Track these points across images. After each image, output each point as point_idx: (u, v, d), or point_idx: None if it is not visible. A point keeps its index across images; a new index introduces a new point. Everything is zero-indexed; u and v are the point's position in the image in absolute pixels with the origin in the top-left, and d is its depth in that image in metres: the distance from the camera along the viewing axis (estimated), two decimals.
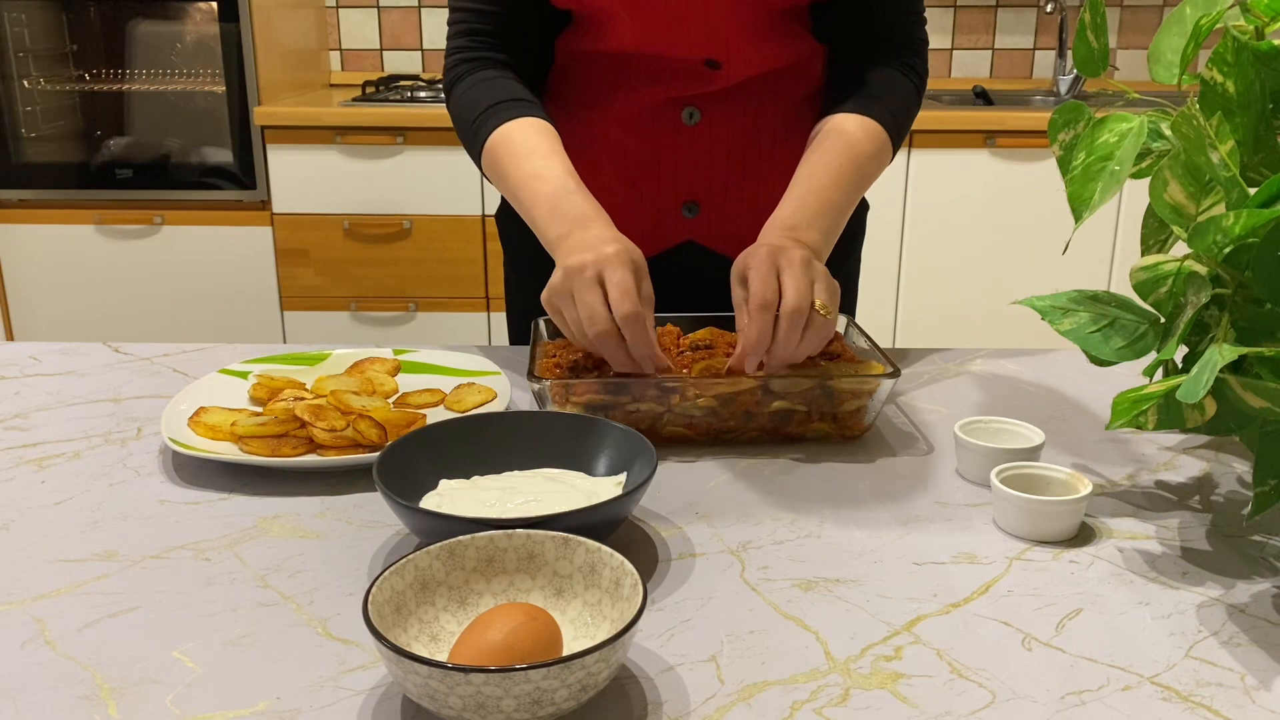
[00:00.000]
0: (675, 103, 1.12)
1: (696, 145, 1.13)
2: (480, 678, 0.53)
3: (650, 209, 1.17)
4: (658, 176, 1.15)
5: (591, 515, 0.70)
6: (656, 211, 1.17)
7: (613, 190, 1.17)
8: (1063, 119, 0.81)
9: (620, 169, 1.16)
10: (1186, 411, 0.74)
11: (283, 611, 0.69)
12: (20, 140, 2.90)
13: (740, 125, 1.14)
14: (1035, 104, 3.17)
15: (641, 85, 1.12)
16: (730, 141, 1.03)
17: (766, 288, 0.90)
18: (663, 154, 1.14)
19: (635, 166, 1.15)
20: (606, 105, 1.14)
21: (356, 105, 2.83)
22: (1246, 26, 0.74)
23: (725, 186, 1.16)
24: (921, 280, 2.90)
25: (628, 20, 1.08)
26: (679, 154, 1.14)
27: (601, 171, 1.17)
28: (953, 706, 0.60)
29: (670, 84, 1.11)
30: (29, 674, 0.62)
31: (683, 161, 1.14)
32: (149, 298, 2.96)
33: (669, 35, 1.08)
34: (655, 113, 1.13)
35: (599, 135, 1.16)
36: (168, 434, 0.89)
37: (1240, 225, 0.67)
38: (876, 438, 0.97)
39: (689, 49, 1.09)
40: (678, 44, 1.09)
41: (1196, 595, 0.72)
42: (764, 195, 1.13)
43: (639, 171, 1.16)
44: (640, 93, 1.12)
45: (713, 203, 1.17)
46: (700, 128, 1.13)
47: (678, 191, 1.15)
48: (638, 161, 1.15)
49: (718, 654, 0.65)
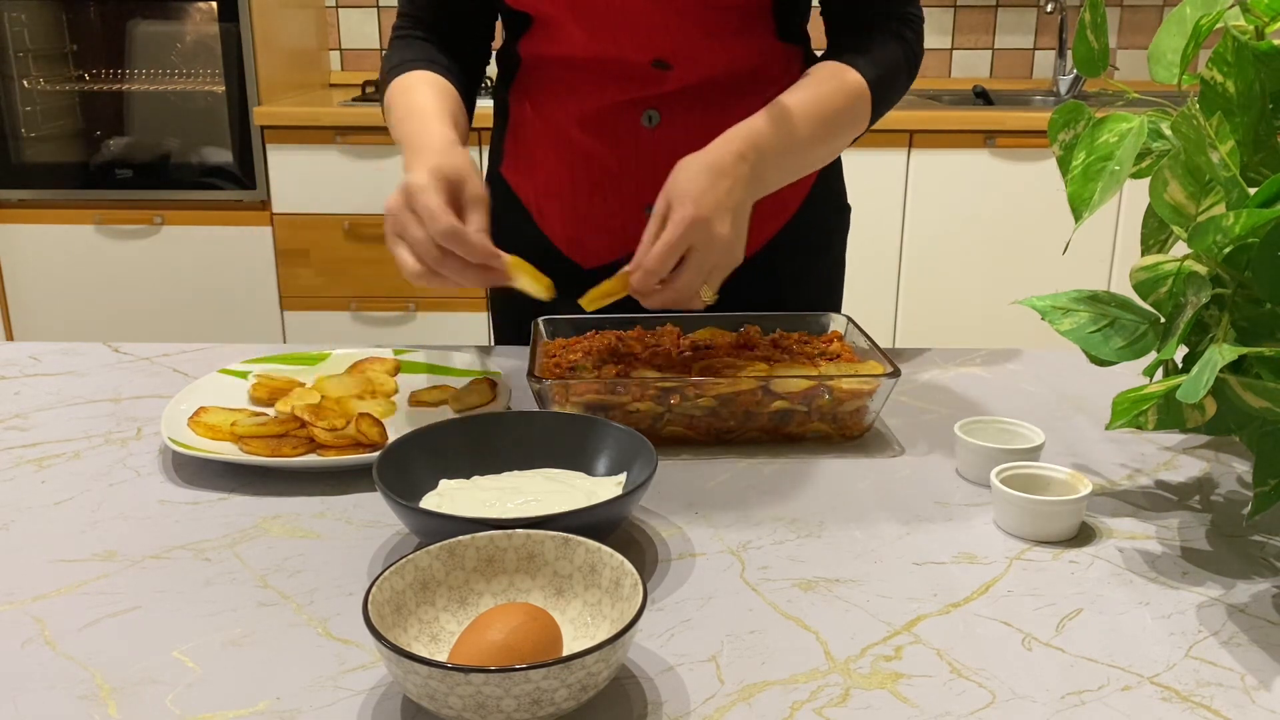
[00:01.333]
0: (634, 105, 1.12)
1: (657, 148, 1.13)
2: (480, 678, 0.53)
3: (615, 210, 1.17)
4: (620, 179, 1.15)
5: (591, 515, 0.70)
6: (622, 212, 1.17)
7: (577, 192, 1.17)
8: (1063, 119, 0.81)
9: (584, 171, 1.17)
10: (1186, 411, 0.74)
11: (283, 611, 0.69)
12: (20, 140, 2.90)
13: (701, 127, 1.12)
14: (1035, 104, 3.17)
15: (596, 88, 1.12)
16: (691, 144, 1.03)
17: (661, 262, 0.92)
18: (624, 157, 1.14)
19: (598, 169, 1.16)
20: (566, 108, 1.15)
21: (356, 105, 2.83)
22: (1246, 26, 0.74)
23: None
24: (921, 280, 2.90)
25: (573, 22, 1.08)
26: (640, 157, 1.14)
27: (565, 173, 1.17)
28: (953, 706, 0.60)
29: (624, 86, 1.11)
30: (29, 674, 0.62)
31: (644, 164, 1.14)
32: (149, 298, 2.96)
33: (614, 36, 1.08)
34: (615, 116, 1.13)
35: (562, 138, 1.16)
36: (168, 434, 0.89)
37: (1240, 225, 0.67)
38: (876, 438, 0.97)
39: (635, 50, 1.09)
40: (624, 45, 1.09)
41: (1196, 595, 0.72)
42: None
43: (602, 174, 1.16)
44: (597, 95, 1.13)
45: None
46: (660, 130, 1.13)
47: (640, 194, 1.15)
48: (600, 164, 1.15)
49: (718, 654, 0.65)
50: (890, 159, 2.79)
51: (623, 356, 0.99)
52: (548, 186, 1.19)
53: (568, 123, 1.15)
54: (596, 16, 1.07)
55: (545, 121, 1.17)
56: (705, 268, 0.93)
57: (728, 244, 0.93)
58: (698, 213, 0.92)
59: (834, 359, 0.99)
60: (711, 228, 0.92)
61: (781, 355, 0.99)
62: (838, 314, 1.08)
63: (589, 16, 1.07)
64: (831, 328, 1.07)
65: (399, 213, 0.90)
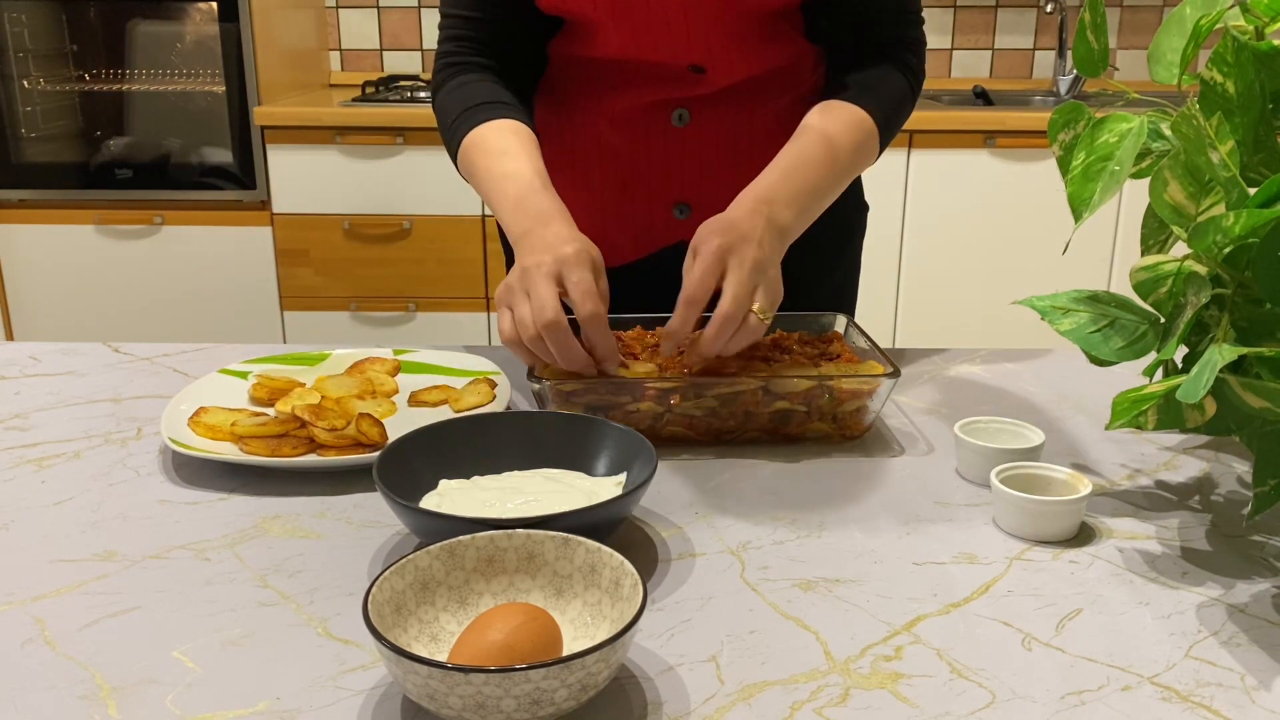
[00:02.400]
0: (664, 105, 1.12)
1: (686, 147, 1.13)
2: (480, 678, 0.53)
3: (641, 210, 1.17)
4: (648, 178, 1.15)
5: (591, 515, 0.70)
6: (648, 212, 1.17)
7: (604, 191, 1.17)
8: (1063, 119, 0.81)
9: (611, 170, 1.17)
10: (1186, 411, 0.74)
11: (283, 611, 0.69)
12: (20, 140, 2.90)
13: (730, 127, 1.14)
14: (1035, 104, 3.17)
15: (629, 88, 1.12)
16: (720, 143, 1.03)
17: (700, 286, 0.91)
18: (653, 155, 1.14)
19: (626, 168, 1.16)
20: (597, 107, 1.15)
21: (356, 105, 2.83)
22: (1246, 26, 0.74)
23: (716, 188, 1.16)
24: (921, 280, 2.90)
25: (613, 28, 1.08)
26: (669, 155, 1.14)
27: (593, 173, 1.17)
28: (953, 706, 0.60)
29: (657, 87, 1.12)
30: (29, 674, 0.62)
31: (673, 163, 1.14)
32: (149, 298, 2.96)
33: (653, 42, 1.08)
34: (645, 114, 1.13)
35: (590, 137, 1.16)
36: (168, 434, 0.89)
37: (1240, 225, 0.67)
38: (876, 438, 0.97)
39: (673, 55, 1.09)
40: (662, 50, 1.09)
41: (1196, 595, 0.72)
42: None
43: (630, 173, 1.16)
44: (628, 95, 1.13)
45: (703, 204, 1.17)
46: (690, 129, 1.13)
47: (668, 193, 1.15)
48: (628, 163, 1.15)
49: (718, 654, 0.65)
50: (890, 159, 2.78)
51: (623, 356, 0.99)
52: (574, 182, 1.19)
53: (596, 121, 1.15)
54: (639, 23, 1.07)
55: (574, 118, 1.17)
56: (744, 278, 0.91)
57: (761, 263, 0.92)
58: (724, 240, 0.92)
59: (834, 359, 0.99)
60: (743, 249, 0.92)
61: (781, 356, 0.99)
62: (838, 314, 1.08)
63: (630, 22, 1.07)
64: (832, 328, 1.07)
65: (538, 269, 0.90)
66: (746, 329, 0.91)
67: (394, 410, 0.99)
